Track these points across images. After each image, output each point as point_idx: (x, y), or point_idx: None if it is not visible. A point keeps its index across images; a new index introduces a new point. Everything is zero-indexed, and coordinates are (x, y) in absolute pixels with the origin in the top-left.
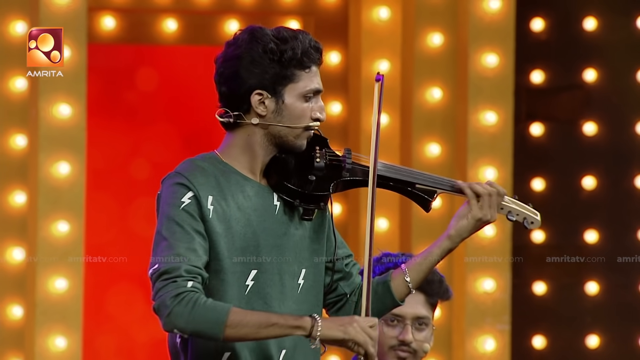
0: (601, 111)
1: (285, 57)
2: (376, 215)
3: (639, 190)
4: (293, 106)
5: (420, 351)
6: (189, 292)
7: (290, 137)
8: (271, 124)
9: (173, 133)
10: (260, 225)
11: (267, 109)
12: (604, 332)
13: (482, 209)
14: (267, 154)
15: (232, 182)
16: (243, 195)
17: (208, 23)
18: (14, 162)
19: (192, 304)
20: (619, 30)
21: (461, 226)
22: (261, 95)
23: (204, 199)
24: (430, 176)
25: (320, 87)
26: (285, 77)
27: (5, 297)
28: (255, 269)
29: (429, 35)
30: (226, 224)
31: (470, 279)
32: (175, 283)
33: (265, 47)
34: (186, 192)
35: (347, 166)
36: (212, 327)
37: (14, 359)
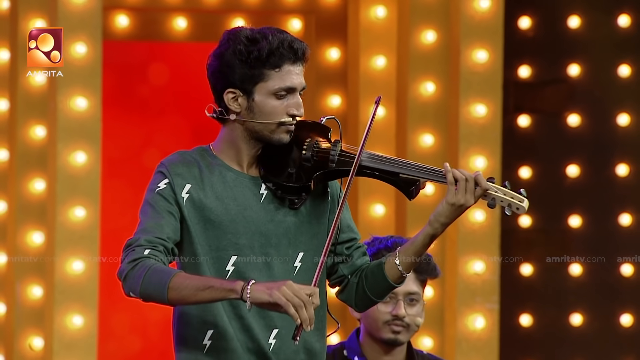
0: (584, 104)
1: (252, 57)
2: (373, 202)
3: (619, 178)
4: (263, 103)
5: (413, 325)
6: (143, 259)
7: (266, 132)
8: (246, 120)
9: (183, 124)
10: (240, 214)
11: (240, 107)
12: (586, 310)
13: (458, 193)
14: (250, 147)
15: (215, 174)
16: (224, 185)
17: (215, 21)
18: (34, 151)
19: (144, 268)
20: (601, 27)
21: (437, 211)
22: (234, 93)
23: (179, 187)
24: (414, 165)
25: (293, 85)
26: (254, 77)
27: (26, 278)
28: (235, 255)
29: (423, 33)
30: (200, 212)
31: (461, 261)
32: (134, 252)
33: (235, 48)
34: (163, 179)
35: (332, 157)
36: (158, 290)
37: (35, 336)
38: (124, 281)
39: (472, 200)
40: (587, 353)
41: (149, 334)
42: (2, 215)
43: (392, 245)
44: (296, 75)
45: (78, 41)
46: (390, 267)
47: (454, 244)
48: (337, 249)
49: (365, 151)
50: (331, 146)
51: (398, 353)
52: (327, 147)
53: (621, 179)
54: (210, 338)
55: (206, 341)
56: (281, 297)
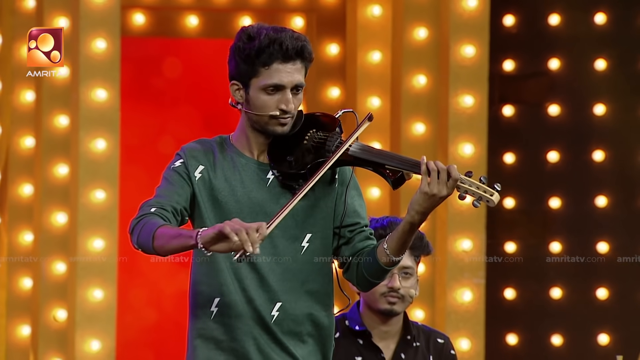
0: (563, 95)
1: (245, 54)
2: (369, 186)
3: (595, 163)
4: (255, 97)
5: (407, 296)
6: (148, 215)
7: (261, 123)
8: (246, 110)
9: (195, 114)
10: (246, 195)
11: (242, 98)
12: (565, 284)
13: (430, 184)
14: (256, 136)
15: (227, 159)
16: (234, 169)
17: (225, 19)
18: (57, 138)
19: (143, 223)
20: (579, 25)
21: (413, 199)
22: (237, 85)
23: (193, 167)
24: (400, 158)
25: (280, 83)
26: (248, 72)
27: (50, 255)
28: None
29: (415, 30)
30: (210, 191)
31: (450, 240)
32: (142, 211)
33: (237, 44)
34: (179, 159)
35: (329, 147)
36: (147, 239)
37: (58, 309)
38: (130, 234)
39: (444, 190)
40: (565, 324)
41: (163, 306)
42: (28, 197)
43: (387, 224)
44: (286, 73)
45: (98, 37)
46: (380, 252)
47: (444, 224)
48: (340, 231)
49: (357, 143)
50: (329, 137)
51: (395, 323)
52: (325, 138)
53: (597, 164)
54: (217, 305)
55: (213, 308)
56: (225, 227)
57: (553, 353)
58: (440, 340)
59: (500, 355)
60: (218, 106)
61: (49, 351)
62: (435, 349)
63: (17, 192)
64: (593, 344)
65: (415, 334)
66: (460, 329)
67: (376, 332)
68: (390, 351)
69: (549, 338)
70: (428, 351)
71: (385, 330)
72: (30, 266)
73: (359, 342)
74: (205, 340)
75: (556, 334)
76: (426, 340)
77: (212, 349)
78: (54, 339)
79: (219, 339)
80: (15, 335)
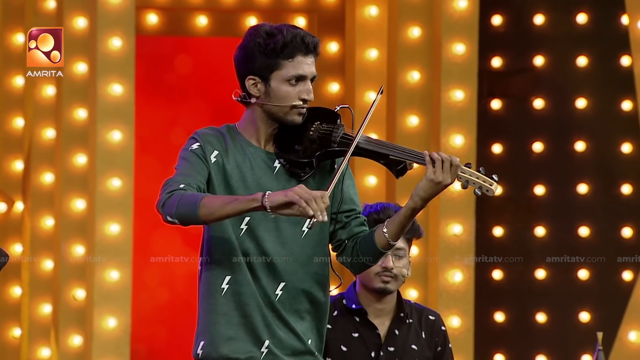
0: (547, 90)
1: (269, 49)
2: (365, 174)
3: (577, 153)
4: (277, 89)
5: (400, 275)
6: (178, 189)
7: (280, 113)
8: (264, 103)
9: (204, 107)
10: (255, 182)
11: (259, 92)
12: (549, 266)
13: (436, 172)
14: (267, 127)
15: (238, 147)
16: (244, 157)
17: (232, 19)
18: (76, 130)
19: (179, 196)
20: (562, 24)
21: (418, 187)
22: (254, 80)
23: (209, 151)
24: (403, 149)
25: (304, 73)
26: (270, 65)
27: (70, 238)
28: (249, 216)
29: (409, 29)
30: (223, 176)
31: (442, 225)
32: (170, 185)
33: (256, 41)
34: (195, 142)
35: (334, 138)
36: (191, 209)
37: (77, 289)
38: (161, 208)
39: (448, 178)
40: (549, 302)
41: (175, 286)
42: (50, 184)
43: (380, 210)
44: (307, 65)
45: (114, 36)
46: (379, 235)
47: (436, 209)
48: (337, 217)
49: (362, 135)
50: (334, 129)
51: (389, 301)
52: (331, 130)
53: (579, 154)
54: (228, 283)
55: (224, 285)
56: (294, 195)
57: (538, 330)
58: (431, 317)
59: (489, 331)
60: (226, 99)
61: (69, 328)
62: (427, 325)
63: (39, 180)
64: (575, 321)
65: (408, 312)
66: (451, 307)
67: (371, 310)
68: (384, 328)
69: (533, 316)
70: (420, 327)
71: (380, 308)
72: (51, 249)
73: (356, 320)
74: (217, 316)
75: (540, 312)
76: (418, 317)
77: (223, 324)
78: (73, 317)
79: (229, 315)
80: (38, 313)
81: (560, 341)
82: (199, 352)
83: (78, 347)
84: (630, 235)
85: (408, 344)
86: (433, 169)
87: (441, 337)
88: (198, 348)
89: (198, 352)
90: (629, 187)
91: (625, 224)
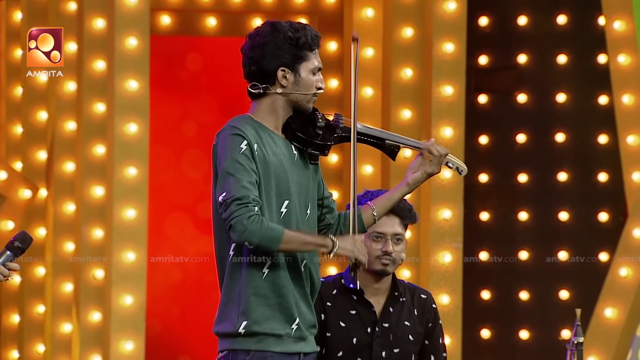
0: (530, 85)
1: (300, 42)
2: (363, 163)
3: (557, 144)
4: (306, 79)
5: (397, 259)
6: (257, 215)
7: (304, 101)
8: (291, 92)
9: (213, 102)
10: (289, 168)
11: (288, 82)
12: (531, 247)
13: (432, 165)
14: (285, 114)
15: (266, 136)
16: (275, 145)
17: (239, 20)
18: (96, 123)
19: (260, 224)
20: (544, 25)
21: (415, 177)
22: (284, 71)
23: (252, 146)
24: (397, 135)
25: (321, 65)
26: (300, 57)
27: (89, 223)
28: (287, 200)
29: (403, 29)
30: (265, 166)
31: (433, 209)
32: (247, 207)
33: (285, 35)
34: (242, 140)
35: (340, 125)
36: (272, 242)
37: (97, 269)
38: (242, 232)
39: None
40: (531, 281)
41: (187, 266)
42: (71, 173)
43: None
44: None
45: (131, 36)
46: (367, 217)
47: (427, 196)
48: (324, 202)
49: (361, 123)
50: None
51: (385, 281)
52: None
53: (559, 144)
54: (268, 267)
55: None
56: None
57: (521, 306)
58: (423, 295)
59: (476, 308)
60: (232, 95)
61: (89, 305)
62: (419, 303)
63: (61, 168)
64: (555, 298)
65: (402, 291)
66: (441, 286)
67: (368, 290)
68: (380, 305)
69: (517, 293)
70: (413, 305)
71: (376, 288)
72: (72, 232)
73: (353, 298)
74: (257, 297)
75: (523, 290)
76: (411, 296)
77: (262, 305)
78: (93, 295)
79: (268, 296)
80: (60, 291)
81: (542, 317)
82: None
83: (97, 322)
84: (606, 219)
85: (401, 320)
86: (430, 162)
87: (432, 314)
88: (240, 327)
89: (240, 330)
90: (605, 175)
91: (601, 209)
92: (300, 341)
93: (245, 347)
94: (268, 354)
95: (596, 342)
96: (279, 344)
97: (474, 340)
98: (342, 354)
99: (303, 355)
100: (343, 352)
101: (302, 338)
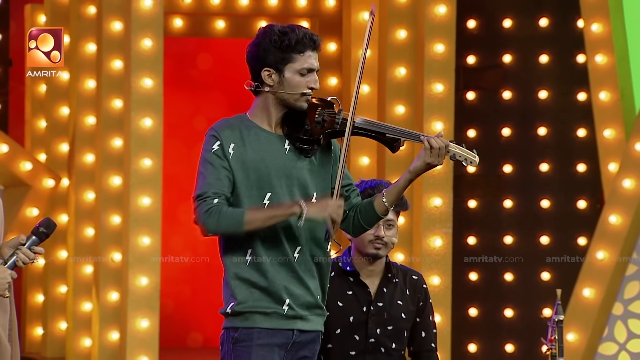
0: (514, 83)
1: (284, 45)
2: (360, 155)
3: (539, 137)
4: (291, 79)
5: (389, 243)
6: (214, 206)
7: (291, 100)
8: (277, 91)
9: (223, 98)
10: (272, 162)
11: (273, 81)
12: (515, 233)
13: (432, 156)
14: (278, 112)
15: (252, 134)
16: (259, 142)
17: (246, 22)
18: (114, 117)
19: (217, 214)
20: (527, 27)
21: (417, 166)
22: (269, 71)
23: (227, 145)
24: (397, 128)
25: (312, 66)
26: (284, 59)
27: (108, 210)
28: (269, 192)
29: (397, 31)
30: (242, 164)
31: (425, 197)
32: (205, 202)
33: (271, 38)
34: (216, 140)
35: (337, 121)
36: (235, 226)
37: (115, 252)
38: (202, 225)
39: (442, 161)
40: (515, 264)
41: (197, 250)
42: (91, 164)
43: (375, 185)
44: (314, 59)
45: (146, 37)
46: (379, 204)
47: (420, 185)
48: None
49: (360, 117)
50: (336, 113)
51: (379, 264)
52: (335, 114)
53: (541, 137)
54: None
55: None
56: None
57: (506, 287)
58: (414, 277)
59: (464, 288)
60: (240, 92)
61: (108, 285)
62: (410, 284)
63: (82, 160)
64: (537, 279)
65: (395, 273)
66: (432, 268)
67: (364, 272)
68: (374, 286)
69: (502, 275)
70: (405, 286)
71: (371, 270)
72: (92, 218)
73: (350, 280)
74: (242, 282)
75: (508, 272)
76: (403, 277)
77: (247, 287)
78: (111, 276)
79: (252, 280)
80: (81, 273)
81: (525, 297)
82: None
83: (115, 301)
84: (584, 207)
85: (394, 300)
86: (431, 153)
87: (423, 294)
88: (228, 307)
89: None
90: (584, 166)
91: (580, 197)
92: (294, 319)
93: (234, 325)
94: (255, 330)
95: (575, 319)
96: (267, 320)
97: (462, 318)
98: (340, 332)
99: (298, 332)
100: (341, 329)
101: (296, 317)
